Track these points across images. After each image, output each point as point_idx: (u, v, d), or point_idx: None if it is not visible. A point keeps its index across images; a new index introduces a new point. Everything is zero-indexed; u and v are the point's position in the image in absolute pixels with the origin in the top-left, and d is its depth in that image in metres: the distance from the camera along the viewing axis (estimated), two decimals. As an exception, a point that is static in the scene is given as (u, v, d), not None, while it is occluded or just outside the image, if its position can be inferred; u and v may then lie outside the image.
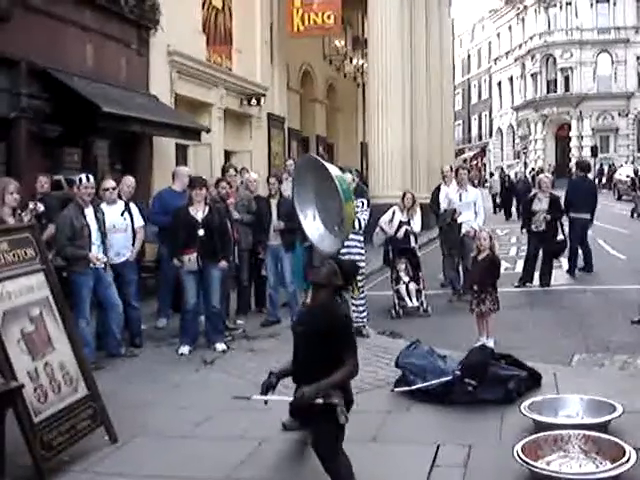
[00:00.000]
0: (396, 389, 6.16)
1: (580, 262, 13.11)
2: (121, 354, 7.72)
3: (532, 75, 57.11)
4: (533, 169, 45.50)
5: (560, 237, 11.70)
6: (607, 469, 4.26)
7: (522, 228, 12.57)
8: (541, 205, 11.67)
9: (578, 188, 13.47)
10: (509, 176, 31.70)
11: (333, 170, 6.46)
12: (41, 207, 8.65)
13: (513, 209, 26.16)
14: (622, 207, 28.04)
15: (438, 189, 12.03)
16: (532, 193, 13.29)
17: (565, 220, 12.38)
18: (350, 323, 4.52)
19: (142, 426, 5.57)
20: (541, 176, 13.72)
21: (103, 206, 8.01)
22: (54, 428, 4.85)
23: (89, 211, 7.46)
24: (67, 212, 7.43)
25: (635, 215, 24.12)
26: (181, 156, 13.79)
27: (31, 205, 8.48)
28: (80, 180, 7.44)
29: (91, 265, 7.34)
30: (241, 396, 4.58)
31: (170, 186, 9.41)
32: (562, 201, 12.19)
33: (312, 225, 6.64)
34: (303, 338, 4.44)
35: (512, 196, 26.73)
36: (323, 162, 6.53)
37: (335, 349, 4.26)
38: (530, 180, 31.14)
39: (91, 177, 7.53)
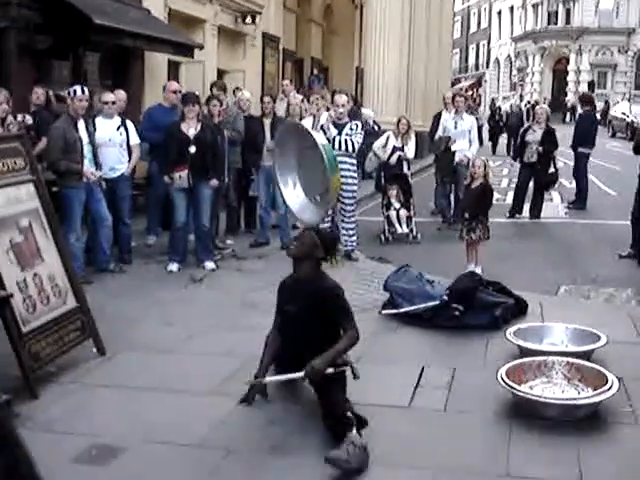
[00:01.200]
0: (383, 312, 6.20)
1: (572, 196, 13.17)
2: (110, 269, 7.71)
3: (533, 5, 56.02)
4: (529, 102, 45.01)
5: (551, 170, 11.67)
6: (589, 395, 4.32)
7: (514, 159, 12.55)
8: (535, 136, 11.59)
9: (587, 123, 13.39)
10: (500, 108, 29.75)
11: (319, 138, 6.24)
12: (29, 119, 8.53)
13: (501, 141, 25.56)
14: (615, 144, 27.91)
15: (439, 115, 11.90)
16: (527, 124, 13.21)
17: (560, 154, 12.36)
18: (341, 291, 4.38)
19: (130, 340, 5.60)
20: (537, 107, 13.60)
21: (99, 120, 7.89)
22: (42, 339, 4.87)
23: (81, 124, 7.32)
24: (59, 124, 7.25)
25: None
26: (173, 73, 13.54)
27: (19, 117, 8.36)
28: (75, 92, 7.25)
29: (84, 179, 7.26)
30: (255, 381, 4.41)
31: (160, 102, 9.25)
32: (558, 134, 12.13)
33: (292, 193, 6.47)
34: (295, 317, 4.34)
35: (501, 129, 26.14)
36: (309, 130, 6.32)
37: (332, 321, 4.25)
38: (525, 113, 30.68)
39: (86, 89, 7.36)
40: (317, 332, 4.24)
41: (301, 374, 4.11)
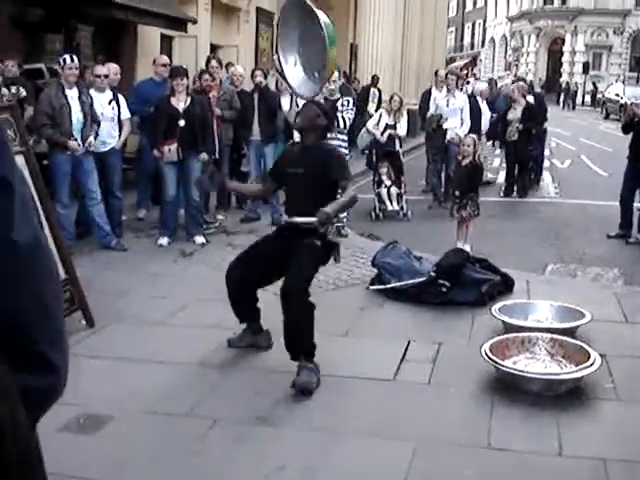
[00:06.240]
0: (371, 287, 6.24)
1: (563, 176, 13.24)
2: (111, 246, 7.57)
3: (530, -15, 55.79)
4: (512, 81, 44.78)
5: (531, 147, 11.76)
6: (571, 371, 4.38)
7: (494, 139, 12.51)
8: (515, 114, 11.61)
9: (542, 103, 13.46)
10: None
11: (320, 14, 6.32)
12: (23, 92, 8.51)
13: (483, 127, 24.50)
14: (608, 125, 27.95)
15: (429, 92, 11.89)
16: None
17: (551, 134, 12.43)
18: (343, 156, 5.10)
19: (119, 313, 5.63)
20: (512, 85, 13.41)
21: (91, 93, 7.86)
22: (31, 310, 4.87)
23: (72, 92, 7.25)
24: (47, 91, 7.27)
25: None
26: (166, 47, 13.49)
27: (13, 89, 8.34)
28: (64, 60, 7.24)
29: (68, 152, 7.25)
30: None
31: (152, 77, 9.22)
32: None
33: (293, 70, 6.54)
34: (301, 178, 4.73)
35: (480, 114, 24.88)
36: (311, 5, 6.37)
37: (334, 180, 4.72)
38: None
39: (75, 58, 7.33)
40: (318, 192, 4.60)
41: (314, 219, 4.39)
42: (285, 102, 8.86)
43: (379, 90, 15.88)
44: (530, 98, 12.47)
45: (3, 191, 0.99)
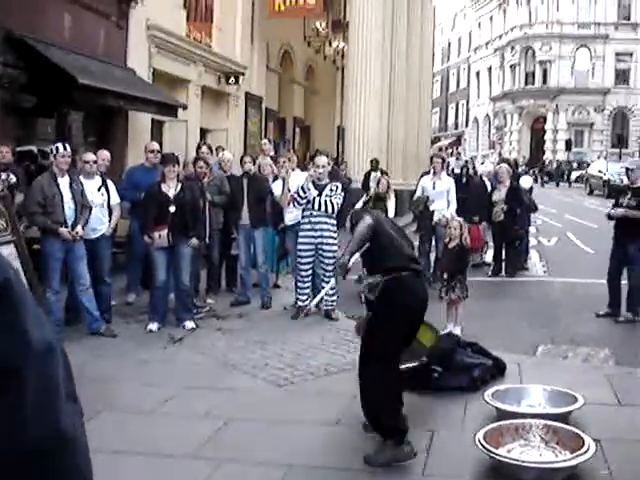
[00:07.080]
0: (363, 373, 6.18)
1: (553, 255, 13.31)
2: (101, 332, 7.49)
3: (511, 66, 57.40)
4: (506, 160, 45.56)
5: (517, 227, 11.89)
6: (566, 459, 4.34)
7: (481, 220, 12.25)
8: (500, 195, 11.79)
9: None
10: (467, 168, 17.72)
11: None
12: (13, 178, 8.58)
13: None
14: (593, 202, 28.36)
15: (427, 173, 12.07)
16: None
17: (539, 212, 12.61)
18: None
19: (108, 401, 5.54)
20: (497, 167, 13.43)
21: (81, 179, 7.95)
22: (19, 400, 4.81)
23: (64, 180, 7.32)
24: (39, 179, 7.32)
25: None
26: (157, 132, 13.69)
27: (3, 175, 8.40)
28: (57, 149, 7.33)
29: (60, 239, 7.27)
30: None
31: (142, 162, 9.36)
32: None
33: None
34: None
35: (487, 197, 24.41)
36: None
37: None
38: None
39: (68, 146, 7.44)
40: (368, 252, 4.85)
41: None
42: (277, 187, 8.98)
43: (382, 171, 15.62)
44: (529, 180, 12.65)
45: (11, 380, 0.80)
